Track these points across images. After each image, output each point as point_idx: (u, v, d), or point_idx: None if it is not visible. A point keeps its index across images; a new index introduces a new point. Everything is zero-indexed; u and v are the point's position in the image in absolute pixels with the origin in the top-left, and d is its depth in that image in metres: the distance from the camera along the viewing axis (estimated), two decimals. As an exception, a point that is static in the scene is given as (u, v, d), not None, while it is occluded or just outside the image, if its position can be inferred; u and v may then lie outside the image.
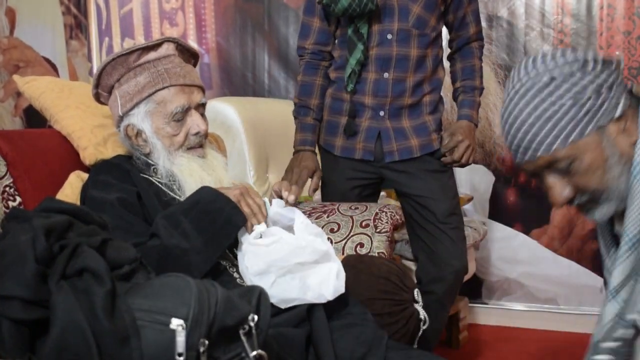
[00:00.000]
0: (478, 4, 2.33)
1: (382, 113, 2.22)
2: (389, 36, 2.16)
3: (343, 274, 1.57)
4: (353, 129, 2.23)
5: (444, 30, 2.31)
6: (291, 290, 1.49)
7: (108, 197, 1.57)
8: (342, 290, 1.54)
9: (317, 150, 2.33)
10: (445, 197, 2.26)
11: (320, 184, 2.29)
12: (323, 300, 1.50)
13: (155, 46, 1.71)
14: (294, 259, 1.49)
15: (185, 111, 1.67)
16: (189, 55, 1.78)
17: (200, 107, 1.71)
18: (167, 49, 1.71)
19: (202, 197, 1.54)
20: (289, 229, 1.59)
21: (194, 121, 1.68)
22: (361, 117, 2.24)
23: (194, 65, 1.80)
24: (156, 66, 1.67)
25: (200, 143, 1.70)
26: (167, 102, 1.65)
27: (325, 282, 1.51)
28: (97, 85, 1.74)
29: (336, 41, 2.28)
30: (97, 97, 1.78)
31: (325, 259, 1.56)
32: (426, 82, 2.24)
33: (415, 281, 2.35)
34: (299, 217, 1.59)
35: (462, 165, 2.29)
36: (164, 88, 1.65)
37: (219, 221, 1.51)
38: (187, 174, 1.64)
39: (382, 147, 2.24)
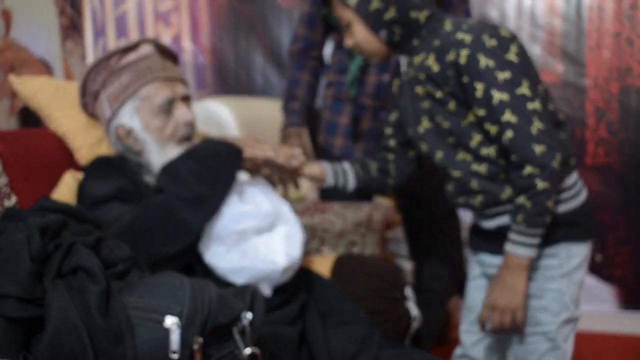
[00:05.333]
0: (469, 4, 2.34)
1: (382, 115, 2.24)
2: None
3: (297, 237, 1.53)
4: (358, 133, 2.25)
5: None
6: (245, 261, 1.47)
7: (107, 186, 1.59)
8: (296, 254, 1.51)
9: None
10: (444, 197, 2.27)
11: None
12: (277, 267, 1.48)
13: (134, 47, 1.73)
14: (234, 225, 1.47)
15: (171, 103, 1.69)
16: (168, 56, 1.81)
17: (185, 98, 1.73)
18: (146, 49, 1.74)
19: (201, 145, 1.57)
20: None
21: (181, 112, 1.69)
22: (362, 118, 2.26)
23: (175, 66, 1.83)
24: (137, 65, 1.70)
25: (190, 134, 1.71)
26: (152, 96, 1.67)
27: (276, 248, 1.49)
28: (83, 94, 1.77)
29: (335, 46, 2.31)
30: (86, 108, 1.80)
31: (281, 222, 1.54)
32: None
33: (414, 280, 2.36)
34: (258, 185, 1.58)
35: None
36: (147, 83, 1.68)
37: (218, 162, 1.51)
38: None
39: None
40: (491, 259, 1.61)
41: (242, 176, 1.60)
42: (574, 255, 1.56)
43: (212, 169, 1.50)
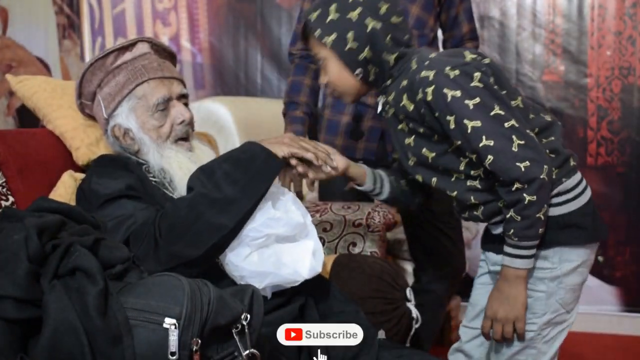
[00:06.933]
0: (470, 2, 2.33)
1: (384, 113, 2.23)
2: None
3: (321, 254, 1.53)
4: (359, 133, 2.24)
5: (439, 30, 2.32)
6: (265, 265, 1.45)
7: (116, 184, 1.57)
8: (319, 269, 1.50)
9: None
10: (444, 197, 2.27)
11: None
12: (299, 279, 1.46)
13: (130, 46, 1.73)
14: (265, 229, 1.45)
15: (167, 102, 1.67)
16: (166, 55, 1.80)
17: (182, 97, 1.72)
18: (142, 48, 1.73)
19: (240, 148, 1.54)
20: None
21: (177, 111, 1.68)
22: (364, 117, 2.25)
23: (174, 65, 1.81)
24: (133, 64, 1.69)
25: (187, 133, 1.70)
26: (148, 95, 1.66)
27: (301, 260, 1.48)
28: (79, 95, 1.76)
29: None
30: (82, 109, 1.79)
31: (303, 234, 1.53)
32: None
33: (414, 280, 2.36)
34: (288, 193, 1.57)
35: None
36: (143, 82, 1.66)
37: (253, 168, 1.47)
38: (176, 167, 1.64)
39: (384, 147, 2.25)
40: (495, 257, 1.62)
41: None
42: (569, 259, 1.55)
43: (246, 173, 1.46)
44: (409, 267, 2.65)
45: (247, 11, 3.56)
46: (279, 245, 1.49)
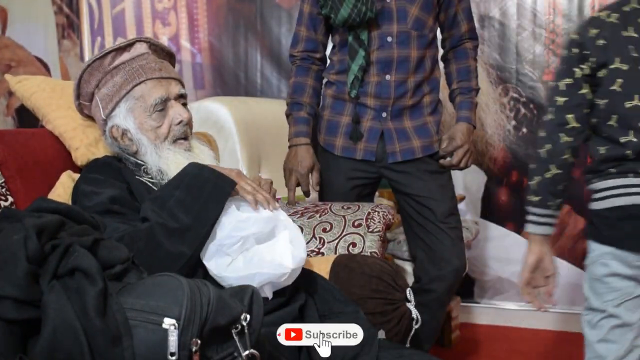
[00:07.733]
0: (469, 2, 2.33)
1: (384, 114, 2.23)
2: (389, 39, 2.17)
3: (300, 241, 1.52)
4: (359, 134, 2.24)
5: (437, 30, 2.32)
6: (249, 267, 1.44)
7: (100, 198, 1.56)
8: (303, 255, 1.50)
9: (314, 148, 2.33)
10: (445, 197, 2.27)
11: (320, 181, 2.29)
12: (286, 270, 1.45)
13: (128, 47, 1.73)
14: (238, 233, 1.45)
15: (165, 102, 1.67)
16: (164, 55, 1.79)
17: (180, 97, 1.72)
18: (140, 48, 1.73)
19: (187, 172, 1.52)
20: None
21: (175, 111, 1.68)
22: (363, 118, 2.24)
23: (172, 65, 1.81)
24: (131, 64, 1.68)
25: (185, 133, 1.70)
26: (146, 95, 1.66)
27: (281, 252, 1.47)
28: (77, 95, 1.76)
29: (335, 46, 2.29)
30: (81, 110, 1.79)
31: (280, 228, 1.52)
32: (425, 83, 2.25)
33: (414, 280, 2.36)
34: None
35: (460, 169, 2.30)
36: (140, 83, 1.67)
37: (205, 193, 1.46)
38: (173, 168, 1.64)
39: (384, 148, 2.24)
40: None
41: None
42: (591, 249, 1.69)
43: (199, 199, 1.46)
44: (409, 267, 2.64)
45: (247, 11, 3.56)
46: (259, 246, 1.48)
